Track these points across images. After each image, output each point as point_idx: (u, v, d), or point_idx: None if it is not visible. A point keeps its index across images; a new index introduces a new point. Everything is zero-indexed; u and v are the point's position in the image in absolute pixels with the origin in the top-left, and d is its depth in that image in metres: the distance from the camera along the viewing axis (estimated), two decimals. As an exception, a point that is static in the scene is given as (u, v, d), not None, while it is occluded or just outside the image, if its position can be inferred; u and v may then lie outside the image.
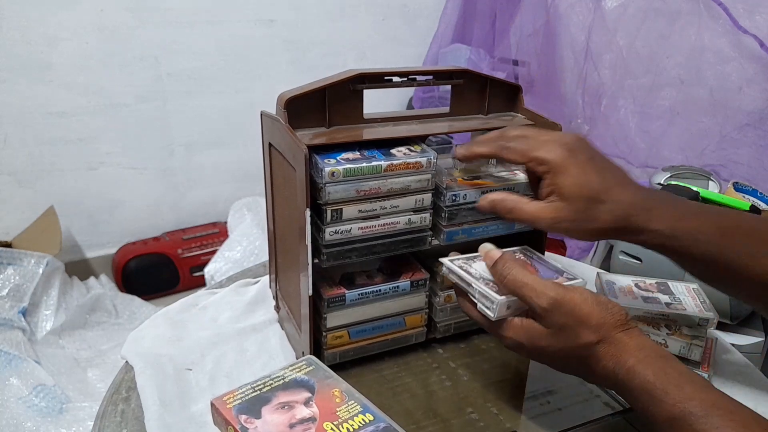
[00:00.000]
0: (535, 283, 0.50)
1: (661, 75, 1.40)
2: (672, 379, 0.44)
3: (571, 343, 0.49)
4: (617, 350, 0.47)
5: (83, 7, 1.67)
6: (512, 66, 1.81)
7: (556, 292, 0.49)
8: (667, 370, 0.45)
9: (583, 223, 0.53)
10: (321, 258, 0.61)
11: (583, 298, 0.49)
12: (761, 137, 1.26)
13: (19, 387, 1.30)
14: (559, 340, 0.49)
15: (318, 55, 2.04)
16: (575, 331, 0.48)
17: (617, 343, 0.47)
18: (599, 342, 0.48)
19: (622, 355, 0.47)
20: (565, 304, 0.49)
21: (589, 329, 0.48)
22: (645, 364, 0.46)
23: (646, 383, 0.45)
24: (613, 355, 0.47)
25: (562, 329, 0.49)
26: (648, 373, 0.45)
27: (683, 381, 0.44)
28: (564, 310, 0.49)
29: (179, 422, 0.59)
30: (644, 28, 1.41)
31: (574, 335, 0.48)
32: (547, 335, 0.50)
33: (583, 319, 0.48)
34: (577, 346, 0.48)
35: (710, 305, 0.69)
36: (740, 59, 1.25)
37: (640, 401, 0.46)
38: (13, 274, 1.55)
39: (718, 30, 1.27)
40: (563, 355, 0.50)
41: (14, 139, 1.72)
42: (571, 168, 0.54)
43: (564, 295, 0.49)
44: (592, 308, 0.48)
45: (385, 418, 0.53)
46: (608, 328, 0.48)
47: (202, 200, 2.05)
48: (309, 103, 0.62)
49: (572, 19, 1.55)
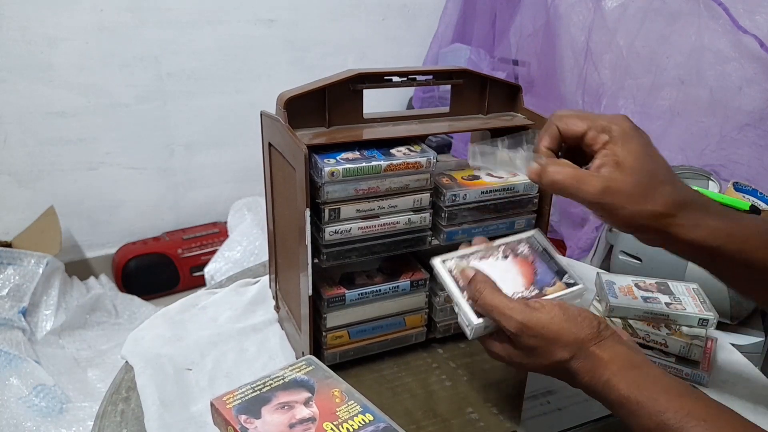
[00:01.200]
0: (503, 306, 0.50)
1: (661, 75, 1.40)
2: (645, 391, 0.44)
3: (545, 361, 0.49)
4: (591, 365, 0.47)
5: (83, 7, 1.67)
6: (512, 66, 1.81)
7: (522, 315, 0.49)
8: (640, 381, 0.45)
9: (637, 199, 0.48)
10: (321, 258, 0.61)
11: (550, 317, 0.48)
12: (761, 137, 1.26)
13: (19, 387, 1.30)
14: (533, 359, 0.50)
15: (318, 55, 2.04)
16: (547, 350, 0.48)
17: (590, 357, 0.47)
18: (572, 358, 0.48)
19: (597, 370, 0.47)
20: (532, 327, 0.48)
21: (560, 347, 0.48)
22: (619, 378, 0.46)
23: (621, 397, 0.45)
24: (588, 370, 0.47)
25: (533, 350, 0.49)
26: (622, 386, 0.45)
27: (657, 392, 0.44)
28: (532, 332, 0.49)
29: (179, 422, 0.59)
30: (644, 28, 1.41)
31: (547, 354, 0.49)
32: (522, 355, 0.50)
33: (552, 338, 0.48)
34: (551, 363, 0.49)
35: (710, 305, 0.69)
36: (740, 59, 1.25)
37: (618, 414, 0.46)
38: (13, 274, 1.55)
39: (718, 30, 1.27)
40: (543, 370, 0.51)
41: (14, 139, 1.71)
42: (635, 141, 0.50)
43: (530, 318, 0.49)
44: (561, 326, 0.48)
45: (385, 418, 0.53)
46: (580, 343, 0.48)
47: (202, 200, 2.05)
48: (309, 103, 0.62)
49: (572, 19, 1.55)
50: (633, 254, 1.05)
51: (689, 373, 0.66)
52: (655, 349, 0.67)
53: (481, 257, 0.58)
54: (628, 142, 0.50)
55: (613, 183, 0.49)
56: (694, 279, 0.90)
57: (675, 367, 0.66)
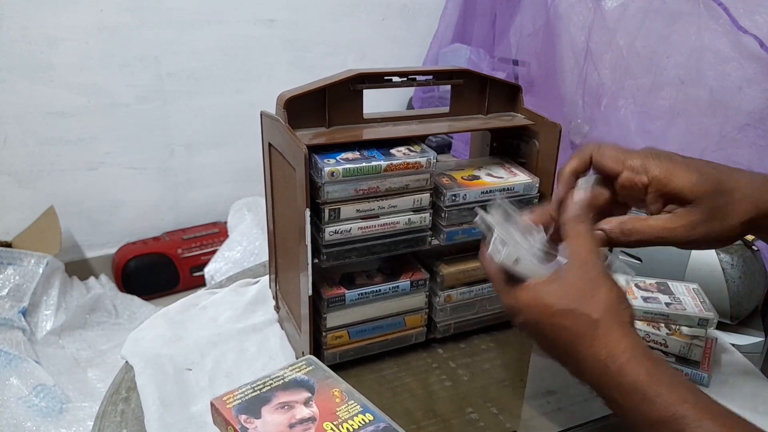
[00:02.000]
0: (588, 234, 0.49)
1: (661, 75, 1.40)
2: (664, 381, 0.43)
3: (573, 305, 0.46)
4: (613, 342, 0.45)
5: (83, 7, 1.67)
6: (512, 66, 1.81)
7: (591, 254, 0.48)
8: (659, 371, 0.44)
9: (719, 221, 0.48)
10: (321, 258, 0.62)
11: (606, 277, 0.47)
12: (761, 137, 1.26)
13: (19, 387, 1.30)
14: (566, 295, 0.47)
15: (318, 55, 2.04)
16: (583, 295, 0.46)
17: (614, 334, 0.46)
18: (597, 322, 0.46)
19: (616, 349, 0.45)
20: (591, 269, 0.47)
21: (594, 301, 0.46)
22: (638, 363, 0.44)
23: (638, 382, 0.43)
24: (606, 346, 0.45)
25: (573, 286, 0.47)
26: (641, 371, 0.44)
27: (675, 384, 0.43)
28: (587, 271, 0.47)
29: (179, 422, 0.59)
30: (644, 28, 1.41)
31: (579, 297, 0.46)
32: (558, 290, 0.47)
33: (594, 290, 0.46)
34: (577, 312, 0.46)
35: (710, 305, 0.69)
36: (740, 59, 1.25)
37: (628, 400, 0.44)
38: (13, 274, 1.55)
39: (718, 30, 1.26)
40: (560, 326, 0.47)
41: (14, 139, 1.71)
42: (678, 169, 0.49)
43: (596, 261, 0.47)
44: (610, 289, 0.47)
45: (385, 418, 0.53)
46: (612, 312, 0.46)
47: (202, 200, 2.05)
48: (309, 103, 0.62)
49: (572, 19, 1.54)
50: (633, 254, 1.05)
51: (689, 373, 0.66)
52: (655, 349, 0.67)
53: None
54: (672, 174, 0.49)
55: (690, 218, 0.48)
56: (694, 279, 0.90)
57: (675, 366, 0.66)
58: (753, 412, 0.62)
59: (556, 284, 0.48)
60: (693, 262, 0.96)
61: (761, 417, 0.62)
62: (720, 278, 0.94)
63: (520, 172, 0.70)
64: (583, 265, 0.48)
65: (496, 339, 0.73)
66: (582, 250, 0.48)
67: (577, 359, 0.47)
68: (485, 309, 0.73)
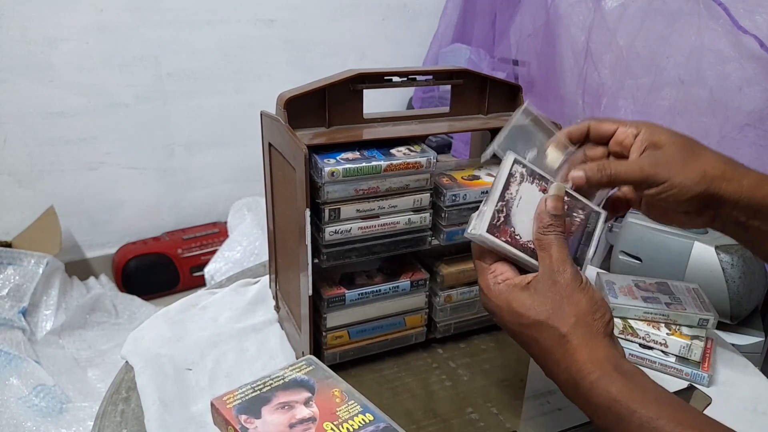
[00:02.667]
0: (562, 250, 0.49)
1: (661, 75, 1.40)
2: (637, 398, 0.42)
3: (542, 318, 0.46)
4: (582, 358, 0.44)
5: (83, 7, 1.67)
6: (512, 66, 1.81)
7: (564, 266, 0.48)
8: (632, 386, 0.43)
9: (683, 166, 0.52)
10: (321, 258, 0.61)
11: (581, 287, 0.47)
12: (761, 137, 1.26)
13: (19, 387, 1.30)
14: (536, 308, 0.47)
15: (318, 55, 2.04)
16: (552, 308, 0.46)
17: (585, 347, 0.45)
18: (566, 337, 0.45)
19: (587, 365, 0.44)
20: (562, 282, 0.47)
21: (563, 316, 0.46)
22: (609, 380, 0.43)
23: (611, 401, 0.42)
24: (576, 362, 0.44)
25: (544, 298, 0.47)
26: (612, 389, 0.43)
27: (648, 399, 0.42)
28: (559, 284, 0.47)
29: (179, 422, 0.59)
30: (644, 28, 1.41)
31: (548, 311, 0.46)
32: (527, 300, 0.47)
33: (565, 302, 0.46)
34: (546, 326, 0.46)
35: (710, 305, 0.69)
36: (740, 59, 1.25)
37: (603, 419, 0.43)
38: (13, 274, 1.55)
39: (718, 30, 1.26)
40: (530, 337, 0.47)
41: (14, 139, 1.71)
42: (663, 129, 0.55)
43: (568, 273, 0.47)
44: (581, 300, 0.46)
45: (385, 418, 0.53)
46: (582, 326, 0.45)
47: (202, 200, 2.05)
48: (309, 103, 0.62)
49: (572, 19, 1.54)
50: (633, 254, 1.05)
51: (689, 373, 0.66)
52: (655, 349, 0.67)
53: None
54: (658, 128, 0.55)
55: (658, 159, 0.52)
56: (694, 279, 0.90)
57: (675, 367, 0.66)
58: (753, 412, 0.62)
59: (527, 294, 0.48)
60: (693, 262, 0.96)
61: (761, 417, 0.62)
62: (720, 278, 0.94)
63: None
64: (552, 275, 0.48)
65: (496, 339, 0.73)
66: (552, 261, 0.48)
67: (551, 372, 0.48)
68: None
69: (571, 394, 0.46)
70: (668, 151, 0.53)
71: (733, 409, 0.63)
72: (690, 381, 0.66)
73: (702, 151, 0.53)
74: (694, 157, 0.52)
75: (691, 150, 0.53)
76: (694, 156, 0.53)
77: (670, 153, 0.53)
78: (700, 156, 0.53)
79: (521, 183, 0.52)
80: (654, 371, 0.67)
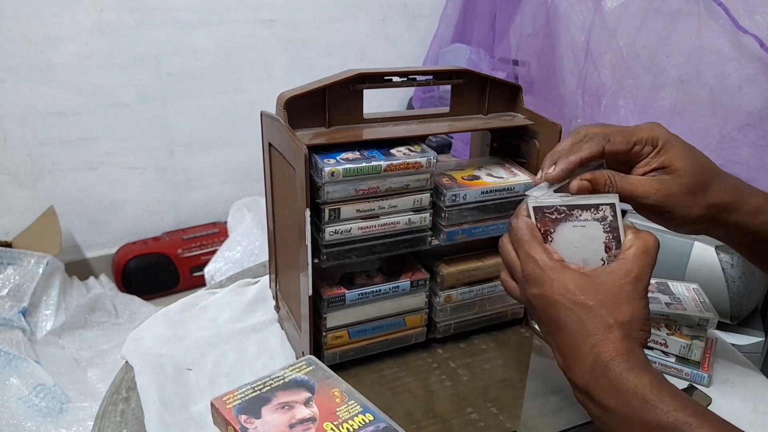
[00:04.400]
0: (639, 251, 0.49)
1: (661, 75, 1.40)
2: (665, 389, 0.44)
3: (597, 306, 0.46)
4: (619, 349, 0.45)
5: (83, 7, 1.67)
6: (512, 66, 1.81)
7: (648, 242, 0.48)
8: (659, 382, 0.44)
9: (695, 196, 0.52)
10: (321, 258, 0.61)
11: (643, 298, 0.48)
12: (761, 137, 1.26)
13: (19, 387, 1.30)
14: (595, 297, 0.47)
15: (318, 55, 2.04)
16: (613, 303, 0.47)
17: (623, 343, 0.46)
18: (611, 328, 0.46)
19: (621, 356, 0.45)
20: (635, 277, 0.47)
21: (619, 313, 0.46)
22: (640, 371, 0.45)
23: (639, 387, 0.43)
24: (612, 350, 0.45)
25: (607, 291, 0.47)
26: (644, 378, 0.44)
27: (675, 394, 0.43)
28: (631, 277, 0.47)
29: (179, 422, 0.59)
30: (644, 28, 1.41)
31: (607, 304, 0.46)
32: (588, 286, 0.47)
33: (626, 301, 0.47)
34: (594, 308, 0.46)
35: (710, 305, 0.69)
36: (740, 59, 1.25)
37: (625, 405, 0.44)
38: (13, 274, 1.55)
39: (718, 30, 1.26)
40: (575, 316, 0.47)
41: (14, 139, 1.71)
42: (679, 144, 0.53)
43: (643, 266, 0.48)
44: (640, 309, 0.47)
45: (385, 418, 0.53)
46: (629, 329, 0.46)
47: (202, 200, 2.05)
48: (309, 103, 0.62)
49: (572, 19, 1.54)
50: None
51: (689, 373, 0.66)
52: (655, 349, 0.67)
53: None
54: (674, 145, 0.53)
55: (670, 185, 0.52)
56: (694, 279, 0.90)
57: (675, 367, 0.66)
58: (753, 412, 0.62)
59: (587, 279, 0.48)
60: (693, 262, 0.96)
61: (761, 417, 0.62)
62: (720, 278, 0.94)
63: (520, 172, 0.70)
64: (626, 273, 0.48)
65: (496, 339, 0.73)
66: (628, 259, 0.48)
67: (576, 355, 0.47)
68: (485, 309, 0.73)
69: (590, 380, 0.46)
70: (681, 181, 0.52)
71: (733, 409, 0.63)
72: (690, 381, 0.66)
73: (713, 179, 0.53)
74: (703, 190, 0.52)
75: (703, 182, 0.52)
76: (703, 188, 0.52)
77: (682, 183, 0.52)
78: (709, 188, 0.52)
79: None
80: (654, 371, 0.67)
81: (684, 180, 0.52)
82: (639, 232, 0.50)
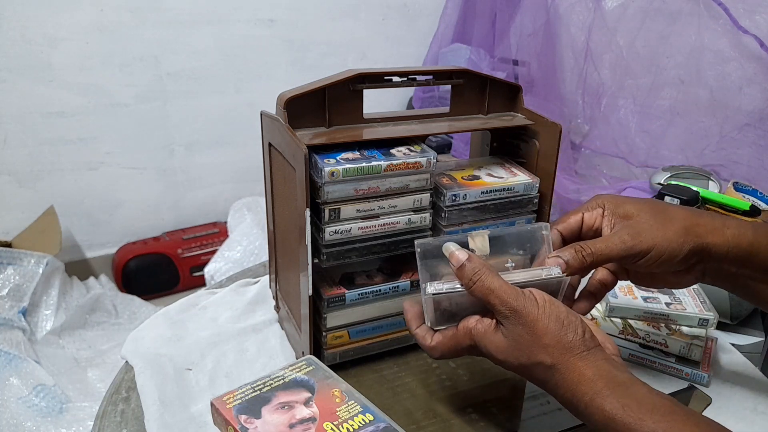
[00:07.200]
0: (501, 289, 0.48)
1: (661, 75, 1.40)
2: (631, 412, 0.42)
3: (524, 359, 0.47)
4: (574, 380, 0.45)
5: (83, 7, 1.67)
6: (512, 66, 1.81)
7: (517, 302, 0.47)
8: (625, 401, 0.43)
9: (664, 231, 0.51)
10: (321, 258, 0.61)
11: (541, 312, 0.47)
12: (761, 137, 1.26)
13: (19, 387, 1.30)
14: (516, 354, 0.47)
15: (318, 55, 2.04)
16: (531, 345, 0.46)
17: (573, 370, 0.45)
18: (553, 367, 0.46)
19: (580, 387, 0.45)
20: (523, 316, 0.47)
21: (542, 348, 0.46)
22: (603, 397, 0.44)
23: (606, 418, 0.43)
24: (570, 387, 0.45)
25: (518, 342, 0.47)
26: (606, 407, 0.43)
27: (644, 412, 0.42)
28: (522, 321, 0.47)
29: (179, 422, 0.59)
30: (644, 28, 1.41)
31: (529, 351, 0.47)
32: (506, 348, 0.48)
33: (537, 335, 0.46)
34: (532, 363, 0.47)
35: (710, 305, 0.69)
36: (740, 59, 1.25)
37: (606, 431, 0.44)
38: (13, 274, 1.55)
39: (718, 30, 1.27)
40: (522, 370, 0.48)
41: (14, 139, 1.72)
42: (626, 198, 0.55)
43: (524, 306, 0.47)
44: (548, 325, 0.46)
45: (385, 418, 0.53)
46: (562, 350, 0.46)
47: (202, 200, 2.05)
48: (309, 103, 0.62)
49: (572, 19, 1.55)
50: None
51: (689, 373, 0.66)
52: (655, 349, 0.67)
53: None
54: (621, 199, 0.56)
55: (633, 229, 0.52)
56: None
57: (675, 367, 0.66)
58: (753, 412, 0.62)
59: (500, 336, 0.49)
60: (693, 262, 0.95)
61: (761, 417, 0.62)
62: (720, 278, 0.94)
63: (520, 172, 0.70)
64: (511, 314, 0.47)
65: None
66: (500, 301, 0.47)
67: (557, 397, 0.49)
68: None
69: (576, 415, 0.47)
70: (641, 219, 0.53)
71: (733, 409, 0.63)
72: (690, 381, 0.66)
73: (673, 210, 0.54)
74: (668, 218, 0.52)
75: (662, 212, 0.53)
76: (667, 217, 0.53)
77: (644, 220, 0.53)
78: (673, 216, 0.53)
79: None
80: (654, 371, 0.67)
81: (644, 217, 0.53)
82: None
